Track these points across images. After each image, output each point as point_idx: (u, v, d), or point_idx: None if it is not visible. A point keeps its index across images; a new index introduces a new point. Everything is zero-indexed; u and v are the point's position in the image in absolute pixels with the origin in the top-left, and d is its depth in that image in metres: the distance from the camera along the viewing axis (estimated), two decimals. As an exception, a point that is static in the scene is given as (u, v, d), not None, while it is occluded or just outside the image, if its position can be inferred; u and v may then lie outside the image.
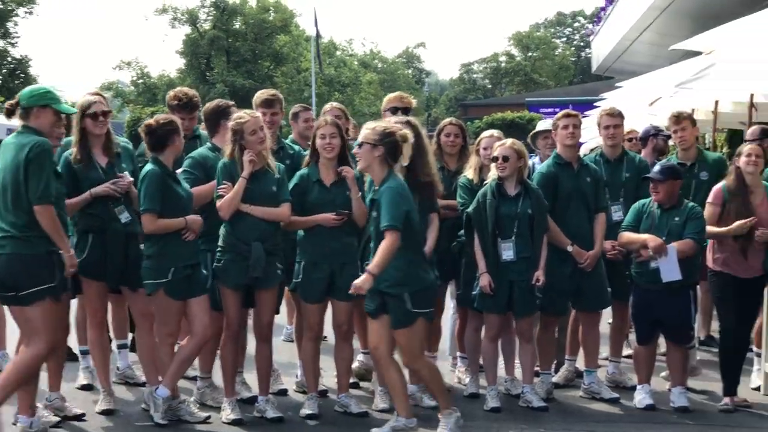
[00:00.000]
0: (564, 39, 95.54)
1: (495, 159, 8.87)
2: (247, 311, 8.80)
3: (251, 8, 64.50)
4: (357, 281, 7.61)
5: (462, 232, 9.08)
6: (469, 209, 8.91)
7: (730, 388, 9.08)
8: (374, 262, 7.62)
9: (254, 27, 63.24)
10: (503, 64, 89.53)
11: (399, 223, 7.65)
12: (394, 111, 9.61)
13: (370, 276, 7.58)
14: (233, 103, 9.09)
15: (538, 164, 9.97)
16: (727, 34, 9.99)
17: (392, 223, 7.64)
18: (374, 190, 7.92)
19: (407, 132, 7.99)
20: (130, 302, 8.82)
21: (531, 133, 10.61)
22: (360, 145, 7.89)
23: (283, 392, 9.35)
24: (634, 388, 9.28)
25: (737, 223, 8.83)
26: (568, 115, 9.34)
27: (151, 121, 8.35)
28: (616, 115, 9.75)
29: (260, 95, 9.48)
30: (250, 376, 8.99)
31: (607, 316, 10.14)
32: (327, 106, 9.75)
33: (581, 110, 10.76)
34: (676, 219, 8.87)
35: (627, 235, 9.03)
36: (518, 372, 9.30)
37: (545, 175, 9.24)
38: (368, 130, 7.92)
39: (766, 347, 9.46)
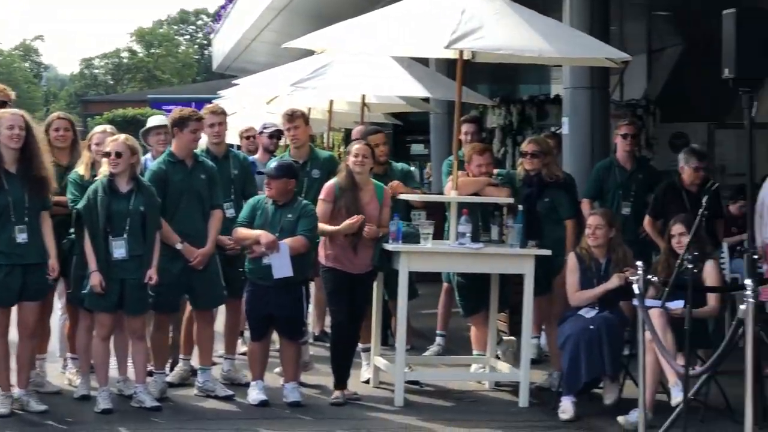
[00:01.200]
0: (187, 37, 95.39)
1: (107, 154, 8.68)
2: None
3: None
4: None
5: (72, 229, 8.84)
6: (80, 206, 8.68)
7: (341, 382, 9.29)
8: None
9: None
10: (125, 60, 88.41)
11: None
12: None
13: None
14: None
15: (150, 161, 9.85)
16: (339, 33, 10.13)
17: None
18: None
19: None
20: None
21: (142, 130, 10.46)
22: None
23: None
24: (248, 385, 9.32)
25: (346, 222, 9.02)
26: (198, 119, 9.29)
27: None
28: (219, 113, 9.83)
29: None
30: None
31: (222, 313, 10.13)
32: None
33: (202, 108, 10.68)
34: (290, 216, 8.97)
35: (241, 231, 9.05)
36: (131, 372, 9.15)
37: (155, 172, 9.13)
38: None
39: (376, 342, 9.76)
